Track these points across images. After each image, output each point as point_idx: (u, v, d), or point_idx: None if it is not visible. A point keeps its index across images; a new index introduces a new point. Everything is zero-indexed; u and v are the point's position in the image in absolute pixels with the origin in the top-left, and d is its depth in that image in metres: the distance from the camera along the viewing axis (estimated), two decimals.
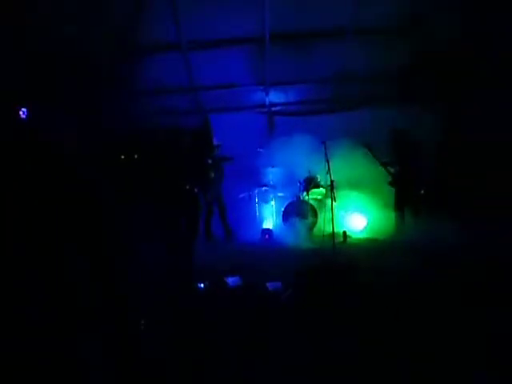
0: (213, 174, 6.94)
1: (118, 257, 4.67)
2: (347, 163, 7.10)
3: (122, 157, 7.48)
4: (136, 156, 6.91)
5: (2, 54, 4.73)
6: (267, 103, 8.15)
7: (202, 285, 4.30)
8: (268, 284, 4.14)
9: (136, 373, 2.68)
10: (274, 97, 8.03)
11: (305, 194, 7.52)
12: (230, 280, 4.35)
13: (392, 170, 6.69)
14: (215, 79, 7.29)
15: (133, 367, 2.74)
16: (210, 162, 6.78)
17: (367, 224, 7.31)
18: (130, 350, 2.98)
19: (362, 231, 7.22)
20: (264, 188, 7.94)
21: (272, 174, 7.94)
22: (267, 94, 7.79)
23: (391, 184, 6.70)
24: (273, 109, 8.38)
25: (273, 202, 7.95)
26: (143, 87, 6.80)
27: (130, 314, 3.50)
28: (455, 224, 5.49)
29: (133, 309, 3.58)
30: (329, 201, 6.52)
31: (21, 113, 5.30)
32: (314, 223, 7.25)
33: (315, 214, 7.25)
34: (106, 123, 6.09)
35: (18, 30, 4.85)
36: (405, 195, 6.56)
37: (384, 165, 6.73)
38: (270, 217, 7.91)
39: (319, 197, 7.58)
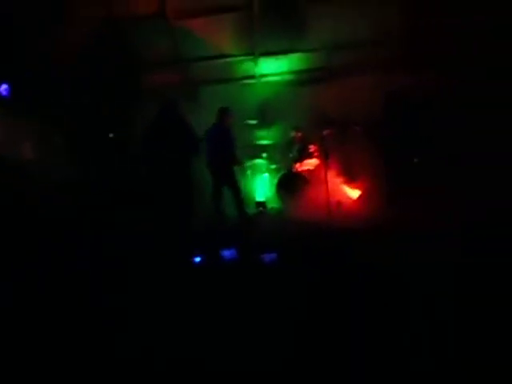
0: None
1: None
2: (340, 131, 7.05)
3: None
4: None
5: None
6: (257, 74, 7.95)
7: (198, 259, 4.31)
8: (264, 255, 4.16)
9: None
10: (264, 67, 7.81)
11: (298, 165, 7.49)
12: (226, 253, 4.36)
13: (384, 137, 6.38)
14: (202, 50, 7.04)
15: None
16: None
17: (361, 194, 7.26)
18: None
19: (355, 201, 7.19)
20: (256, 160, 7.89)
21: (264, 146, 7.89)
22: (256, 65, 7.58)
23: (381, 151, 6.27)
24: (262, 79, 8.19)
25: (266, 174, 7.92)
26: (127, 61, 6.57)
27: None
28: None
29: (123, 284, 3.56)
30: (322, 171, 6.50)
31: None
32: (307, 194, 7.22)
33: (308, 185, 7.21)
34: None
35: None
36: (396, 165, 6.11)
37: (377, 134, 6.52)
38: (263, 189, 7.89)
39: (312, 167, 7.53)
